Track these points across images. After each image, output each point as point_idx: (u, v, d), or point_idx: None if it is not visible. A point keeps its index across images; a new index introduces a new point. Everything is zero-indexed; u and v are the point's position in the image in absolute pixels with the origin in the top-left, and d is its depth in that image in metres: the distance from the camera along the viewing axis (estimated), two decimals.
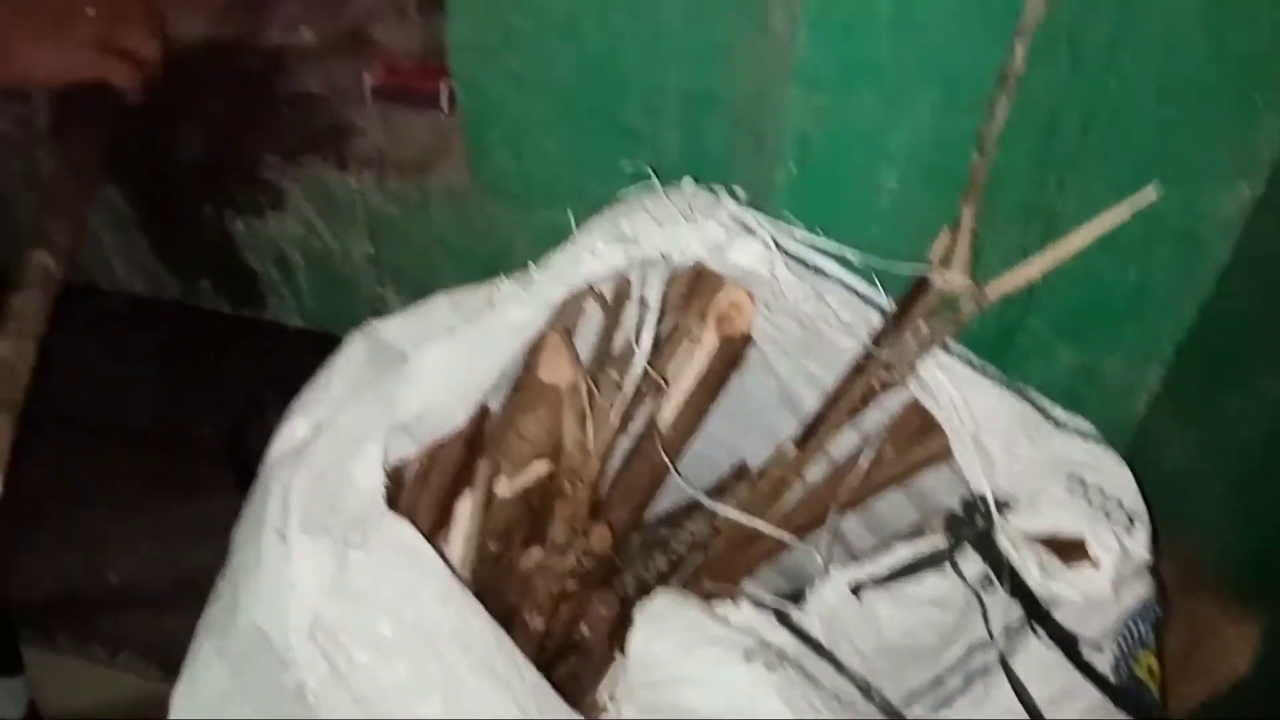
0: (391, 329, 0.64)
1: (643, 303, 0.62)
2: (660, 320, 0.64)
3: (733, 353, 0.66)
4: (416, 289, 0.82)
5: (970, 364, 0.61)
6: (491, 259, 0.77)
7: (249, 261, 0.82)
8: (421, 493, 0.66)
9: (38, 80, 0.77)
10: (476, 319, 0.60)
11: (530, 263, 0.76)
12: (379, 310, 0.84)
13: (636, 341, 0.61)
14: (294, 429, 0.61)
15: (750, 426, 0.75)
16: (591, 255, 0.56)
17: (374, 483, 0.55)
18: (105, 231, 0.83)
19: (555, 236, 0.73)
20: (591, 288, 0.63)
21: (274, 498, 0.56)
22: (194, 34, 0.88)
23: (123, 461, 1.84)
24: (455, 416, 0.62)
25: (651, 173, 0.59)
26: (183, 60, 0.84)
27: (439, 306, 0.65)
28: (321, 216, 0.77)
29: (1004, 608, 0.56)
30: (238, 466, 1.51)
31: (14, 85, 0.79)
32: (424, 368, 0.60)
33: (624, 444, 0.71)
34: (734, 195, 0.59)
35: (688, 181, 0.58)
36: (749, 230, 0.55)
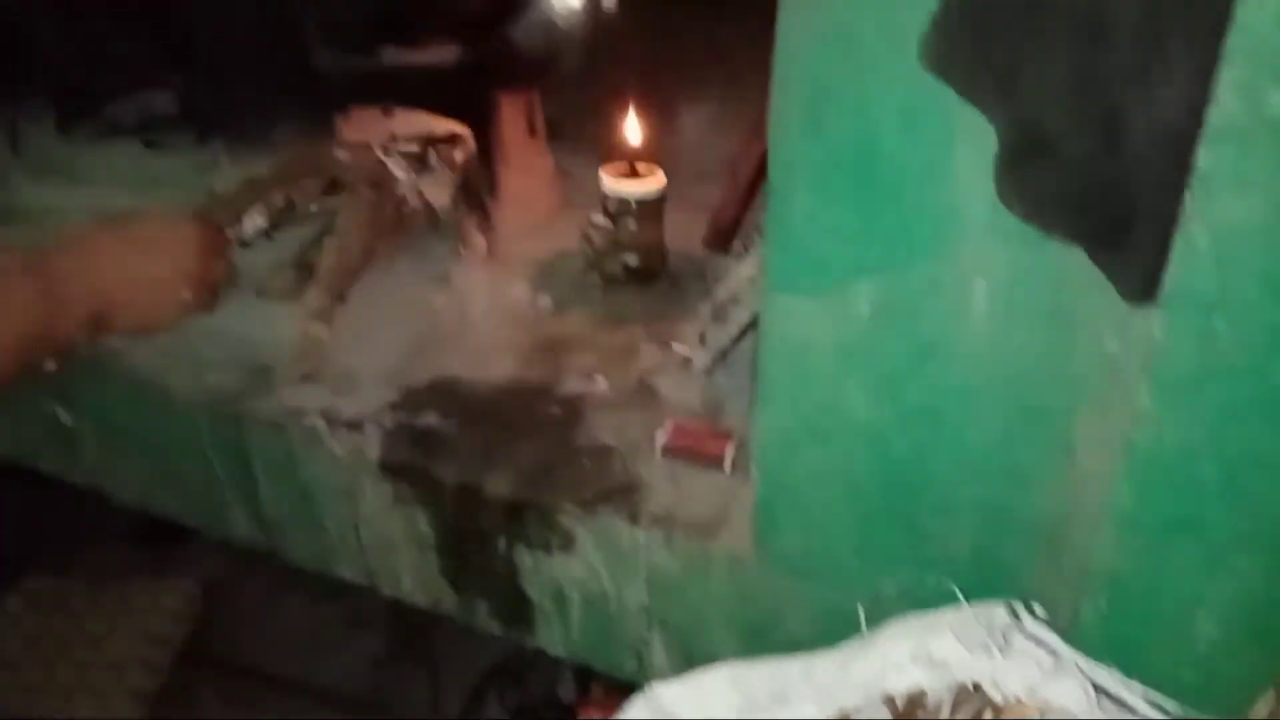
0: (672, 697, 0.67)
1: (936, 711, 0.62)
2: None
3: None
4: (680, 639, 0.85)
5: None
6: (762, 625, 0.80)
7: (528, 592, 0.87)
8: None
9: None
10: (764, 709, 0.62)
11: (803, 635, 0.78)
12: (640, 653, 0.87)
13: None
14: None
15: None
16: (896, 671, 0.57)
17: None
18: (404, 548, 0.91)
19: (831, 615, 0.75)
20: None
21: None
22: (502, 376, 0.99)
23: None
24: None
25: (956, 590, 0.61)
26: (495, 402, 0.95)
27: (720, 681, 0.67)
28: (606, 563, 0.82)
29: None
30: None
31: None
32: None
33: None
34: (1035, 616, 0.60)
35: (997, 607, 0.59)
36: (1063, 666, 0.55)
